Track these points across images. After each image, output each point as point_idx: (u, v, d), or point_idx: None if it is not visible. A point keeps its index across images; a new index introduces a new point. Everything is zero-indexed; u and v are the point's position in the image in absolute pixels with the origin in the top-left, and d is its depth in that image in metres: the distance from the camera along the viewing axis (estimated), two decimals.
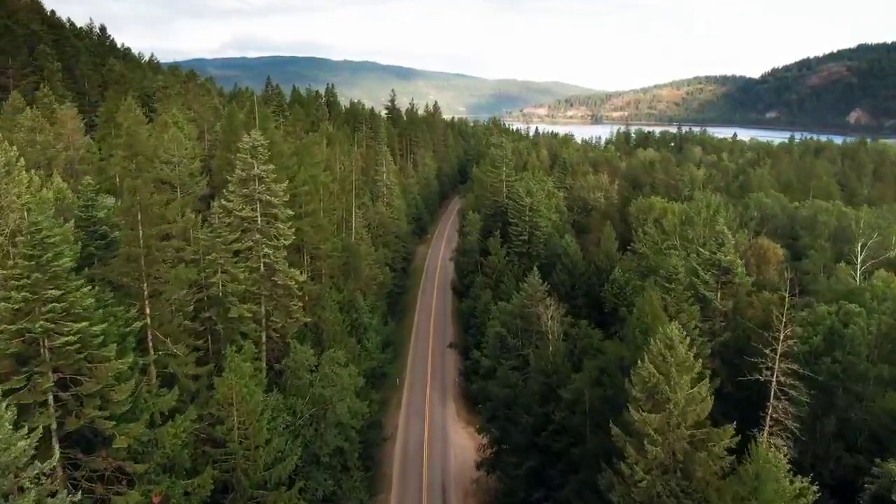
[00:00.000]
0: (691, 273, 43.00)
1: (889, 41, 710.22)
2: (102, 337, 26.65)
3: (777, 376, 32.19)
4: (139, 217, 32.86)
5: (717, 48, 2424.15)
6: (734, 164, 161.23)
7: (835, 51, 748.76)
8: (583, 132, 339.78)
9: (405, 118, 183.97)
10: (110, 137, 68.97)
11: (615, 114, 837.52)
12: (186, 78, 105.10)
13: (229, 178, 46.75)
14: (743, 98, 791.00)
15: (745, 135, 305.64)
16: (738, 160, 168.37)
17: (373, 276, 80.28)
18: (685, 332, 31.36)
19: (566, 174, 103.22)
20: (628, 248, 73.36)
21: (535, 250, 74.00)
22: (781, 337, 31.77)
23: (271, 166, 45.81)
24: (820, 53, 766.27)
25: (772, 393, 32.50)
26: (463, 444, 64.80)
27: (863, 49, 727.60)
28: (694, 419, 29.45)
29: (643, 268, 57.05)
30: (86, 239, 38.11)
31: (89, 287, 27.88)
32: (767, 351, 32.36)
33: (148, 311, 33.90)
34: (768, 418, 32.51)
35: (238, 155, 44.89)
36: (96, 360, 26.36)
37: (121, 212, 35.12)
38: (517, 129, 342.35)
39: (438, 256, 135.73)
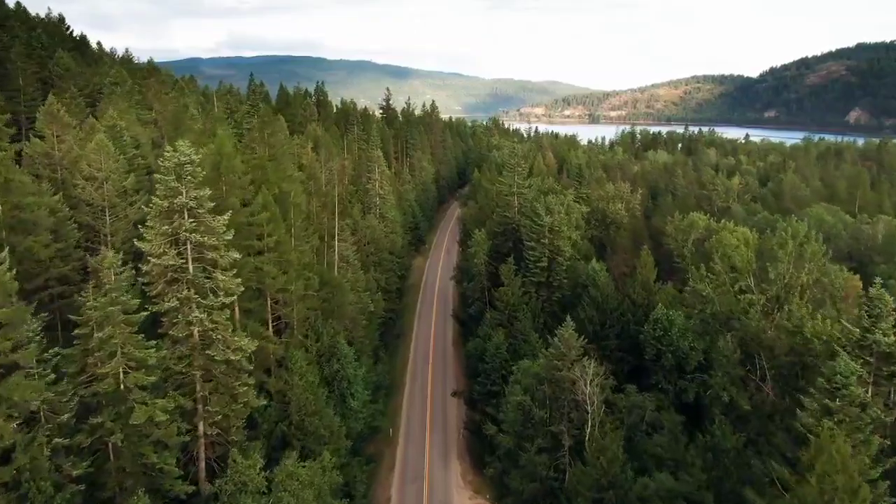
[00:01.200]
0: (824, 354, 28.97)
1: (888, 40, 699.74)
2: None
3: None
4: None
5: (714, 48, 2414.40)
6: (753, 168, 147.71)
7: (833, 50, 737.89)
8: (580, 132, 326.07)
9: (401, 118, 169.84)
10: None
11: (613, 113, 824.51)
12: (146, 73, 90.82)
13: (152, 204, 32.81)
14: (741, 97, 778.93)
15: (743, 134, 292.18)
16: (758, 163, 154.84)
17: (362, 308, 66.59)
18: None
19: (581, 182, 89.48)
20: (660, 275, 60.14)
21: (556, 279, 60.20)
22: None
23: (207, 191, 31.91)
24: (818, 52, 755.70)
25: None
26: None
27: (861, 48, 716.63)
28: None
29: (707, 316, 43.32)
30: None
31: None
32: None
33: None
34: None
35: (158, 176, 31.00)
36: None
37: None
38: (516, 129, 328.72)
39: (437, 271, 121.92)
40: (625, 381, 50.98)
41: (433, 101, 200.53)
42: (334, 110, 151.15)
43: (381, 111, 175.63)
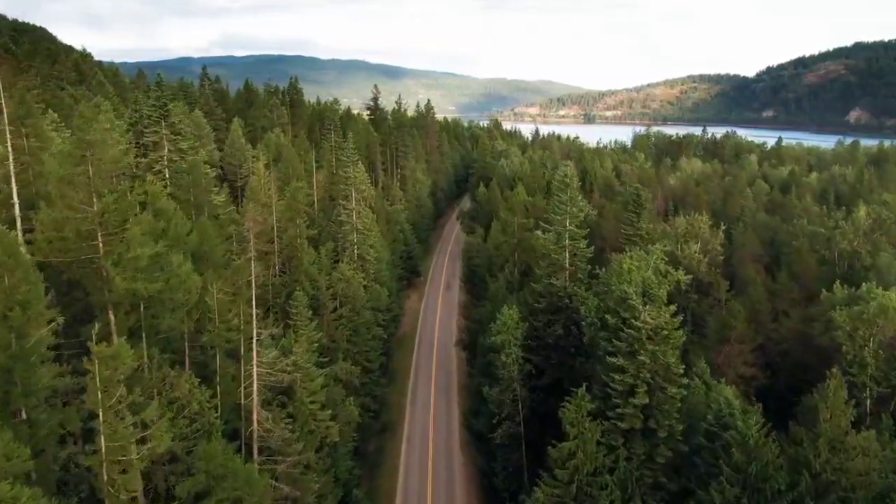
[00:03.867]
0: None
1: (886, 39, 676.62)
2: None
3: None
4: None
5: (710, 47, 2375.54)
6: (814, 180, 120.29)
7: (831, 49, 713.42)
8: (577, 132, 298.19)
9: (390, 120, 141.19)
10: None
11: (608, 113, 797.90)
12: None
13: None
14: (738, 97, 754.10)
15: (743, 134, 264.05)
16: (816, 173, 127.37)
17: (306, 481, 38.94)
18: None
19: (639, 210, 61.79)
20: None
21: (661, 423, 32.15)
22: None
23: None
24: (815, 52, 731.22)
25: None
26: None
27: (859, 47, 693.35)
28: None
29: None
30: None
31: None
32: None
33: None
34: None
35: None
36: None
37: None
38: (516, 130, 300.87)
39: (436, 317, 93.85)
40: None
41: (428, 101, 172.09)
42: (310, 111, 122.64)
43: (367, 112, 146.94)
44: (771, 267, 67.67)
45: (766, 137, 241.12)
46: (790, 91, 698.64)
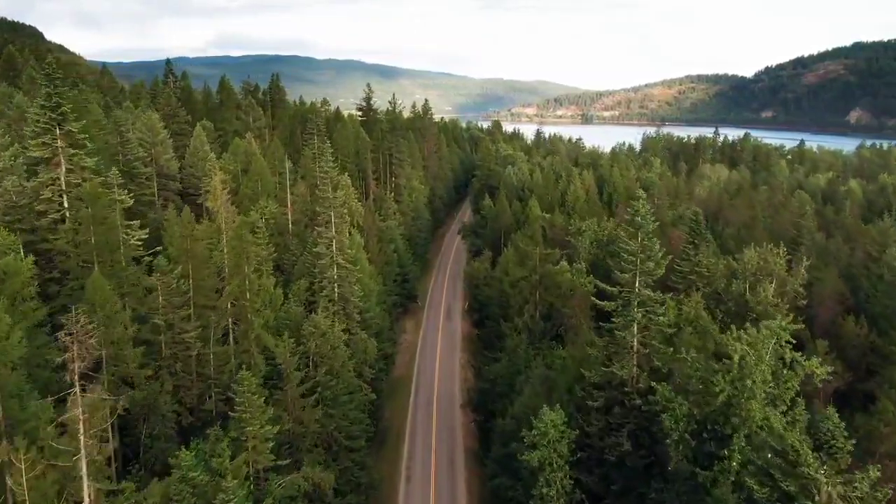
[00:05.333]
0: None
1: (885, 39, 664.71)
2: None
3: None
4: None
5: (708, 47, 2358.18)
6: (858, 189, 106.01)
7: (830, 49, 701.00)
8: (575, 132, 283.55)
9: (384, 122, 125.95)
10: None
11: (606, 113, 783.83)
12: None
13: None
14: (736, 97, 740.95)
15: (741, 134, 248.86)
16: (860, 183, 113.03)
17: None
18: None
19: (698, 240, 47.40)
20: None
21: None
22: None
23: None
24: (814, 52, 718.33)
25: None
26: None
27: (858, 47, 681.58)
28: None
29: None
30: None
31: None
32: None
33: None
34: None
35: None
36: None
37: None
38: (518, 131, 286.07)
39: (436, 354, 79.07)
40: None
41: (426, 101, 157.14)
42: (292, 112, 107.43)
43: (359, 113, 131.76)
44: (856, 311, 53.33)
45: (767, 138, 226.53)
46: (789, 91, 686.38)
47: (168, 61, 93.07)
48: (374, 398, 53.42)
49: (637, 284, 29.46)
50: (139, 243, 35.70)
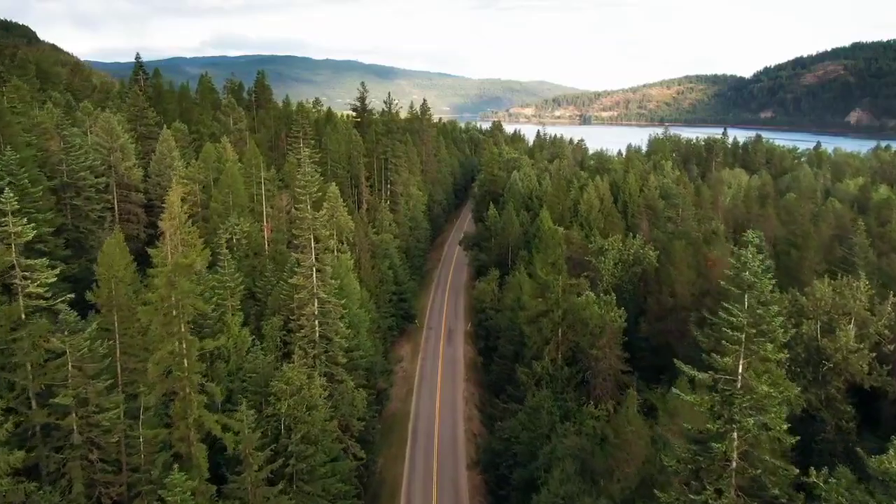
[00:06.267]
0: None
1: (885, 39, 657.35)
2: None
3: None
4: None
5: (706, 48, 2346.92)
6: (893, 196, 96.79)
7: (829, 49, 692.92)
8: (574, 133, 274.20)
9: (380, 123, 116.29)
10: None
11: (604, 114, 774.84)
12: None
13: None
14: (735, 97, 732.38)
15: (742, 135, 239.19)
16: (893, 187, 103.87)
17: None
18: None
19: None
20: None
21: None
22: None
23: None
24: (813, 52, 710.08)
25: None
26: None
27: (858, 47, 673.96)
28: None
29: None
30: None
31: None
32: None
33: None
34: None
35: None
36: None
37: None
38: (519, 133, 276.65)
39: (436, 387, 69.45)
40: None
41: (424, 101, 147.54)
42: (277, 114, 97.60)
43: (353, 114, 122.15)
44: None
45: (768, 139, 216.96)
46: (788, 92, 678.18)
47: (138, 57, 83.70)
48: (363, 458, 44.01)
49: (741, 371, 19.92)
50: (43, 289, 26.09)
